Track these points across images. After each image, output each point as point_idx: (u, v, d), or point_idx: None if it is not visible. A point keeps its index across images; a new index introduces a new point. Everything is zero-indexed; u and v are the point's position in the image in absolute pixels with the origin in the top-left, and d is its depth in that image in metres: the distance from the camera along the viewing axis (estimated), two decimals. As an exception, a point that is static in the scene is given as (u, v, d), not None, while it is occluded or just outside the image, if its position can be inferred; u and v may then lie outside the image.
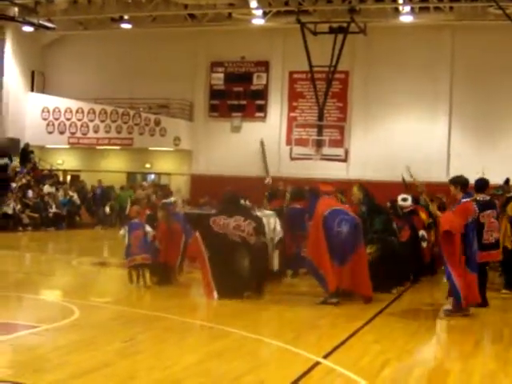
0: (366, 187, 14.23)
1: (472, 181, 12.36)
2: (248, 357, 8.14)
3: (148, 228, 13.40)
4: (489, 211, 12.48)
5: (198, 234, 12.55)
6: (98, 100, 34.78)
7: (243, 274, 12.38)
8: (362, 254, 12.34)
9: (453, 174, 13.61)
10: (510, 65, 29.67)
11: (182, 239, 14.17)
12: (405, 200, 15.73)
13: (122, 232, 13.60)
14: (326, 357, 8.08)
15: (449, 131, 31.07)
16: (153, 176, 36.31)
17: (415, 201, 15.74)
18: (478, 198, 12.30)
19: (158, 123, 33.53)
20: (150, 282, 13.25)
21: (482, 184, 12.82)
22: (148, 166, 35.63)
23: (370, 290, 12.21)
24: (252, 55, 33.71)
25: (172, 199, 16.46)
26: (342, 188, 13.81)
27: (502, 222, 13.54)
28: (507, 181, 15.06)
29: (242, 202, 13.71)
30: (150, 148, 34.59)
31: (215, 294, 12.08)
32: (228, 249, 12.32)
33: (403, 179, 17.01)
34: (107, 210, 31.39)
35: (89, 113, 34.58)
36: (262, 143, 17.02)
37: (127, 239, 13.30)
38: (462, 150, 30.31)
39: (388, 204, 15.62)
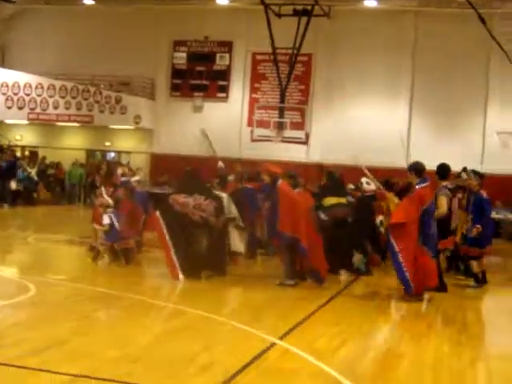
0: (335, 172, 14.37)
1: (432, 167, 12.49)
2: (204, 337, 8.18)
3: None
4: (455, 198, 12.70)
5: (158, 213, 12.51)
6: (59, 76, 34.31)
7: (203, 254, 12.38)
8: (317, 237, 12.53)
9: (412, 159, 13.71)
10: (471, 53, 29.92)
11: (142, 218, 14.18)
12: (368, 183, 15.83)
13: (106, 221, 13.48)
14: (282, 338, 8.15)
15: (409, 116, 31.27)
16: (112, 154, 36.06)
17: (389, 187, 15.80)
18: (447, 186, 12.47)
19: (118, 101, 33.24)
20: (110, 261, 13.26)
21: (445, 172, 12.91)
22: (108, 143, 35.37)
23: (325, 272, 12.37)
24: (215, 35, 33.53)
25: (136, 177, 16.42)
26: (294, 172, 13.78)
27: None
28: (464, 169, 15.18)
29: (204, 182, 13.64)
30: (111, 126, 34.30)
31: (180, 273, 12.07)
32: (188, 228, 12.30)
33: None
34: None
35: (48, 88, 34.12)
36: (204, 132, 16.90)
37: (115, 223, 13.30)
38: (421, 136, 30.53)
39: (352, 186, 15.70)
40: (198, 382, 6.33)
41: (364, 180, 15.71)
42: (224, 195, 13.15)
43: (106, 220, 13.48)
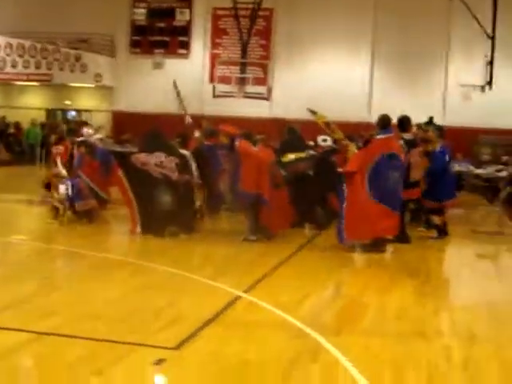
0: (295, 128, 14.35)
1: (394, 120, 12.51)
2: (169, 292, 8.17)
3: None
4: (413, 150, 12.70)
5: (120, 170, 12.45)
6: (15, 34, 33.71)
7: (166, 211, 12.32)
8: (282, 192, 12.56)
9: (375, 113, 13.72)
10: (432, 5, 29.91)
11: (104, 174, 14.10)
12: (324, 141, 15.86)
13: (62, 190, 13.32)
14: (246, 291, 8.17)
15: (371, 70, 31.26)
16: (73, 113, 35.66)
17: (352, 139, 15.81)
18: (404, 137, 12.48)
19: (78, 59, 32.74)
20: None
21: (405, 124, 12.95)
22: (68, 102, 34.94)
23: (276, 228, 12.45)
24: (175, -10, 33.16)
25: (99, 135, 16.30)
26: (248, 131, 13.74)
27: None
28: (430, 119, 15.22)
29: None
30: (71, 84, 33.86)
31: (138, 229, 12.07)
32: (150, 185, 12.24)
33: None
34: None
35: (6, 47, 33.45)
36: (175, 84, 16.68)
37: (71, 190, 13.17)
38: (383, 89, 30.57)
39: (311, 143, 15.71)
40: (163, 336, 6.32)
41: (320, 138, 15.74)
42: (187, 153, 13.08)
43: (62, 189, 13.34)
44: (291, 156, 13.92)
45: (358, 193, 11.34)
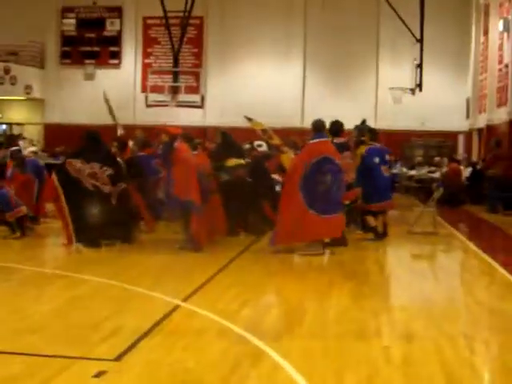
0: (228, 133, 14.39)
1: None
2: (107, 303, 8.08)
3: None
4: (346, 153, 12.83)
5: (54, 175, 12.22)
6: None
7: (99, 223, 12.17)
8: (216, 199, 12.58)
9: (308, 118, 13.83)
10: (362, 8, 30.32)
11: (35, 187, 13.90)
12: (259, 146, 15.96)
13: None
14: (185, 300, 8.13)
15: (303, 75, 31.51)
16: (4, 126, 35.11)
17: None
18: (334, 141, 12.59)
19: (7, 71, 32.26)
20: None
21: (337, 128, 13.12)
22: (-2, 115, 34.46)
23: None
24: (104, 0, 32.92)
25: (32, 148, 16.11)
26: (191, 134, 13.76)
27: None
28: (363, 122, 15.35)
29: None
30: (0, 97, 33.37)
31: (74, 240, 11.90)
32: (83, 196, 12.08)
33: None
34: None
35: None
36: (105, 96, 16.50)
37: None
38: (316, 94, 30.84)
39: (247, 146, 15.75)
40: (104, 349, 6.24)
41: (256, 143, 15.84)
42: (121, 162, 13.00)
43: None
44: (234, 161, 13.96)
45: (291, 199, 11.41)
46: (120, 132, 15.66)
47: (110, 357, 5.96)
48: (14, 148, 14.81)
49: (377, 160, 13.60)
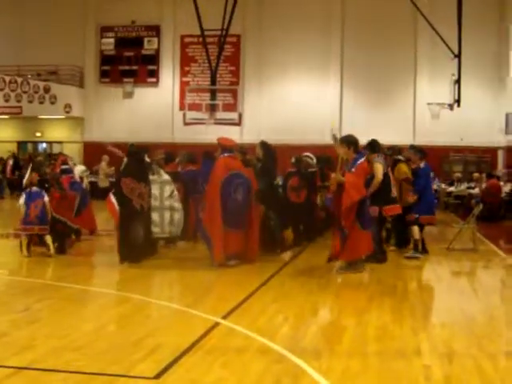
0: (269, 145, 14.34)
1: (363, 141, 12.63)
2: (147, 321, 8.15)
3: (46, 198, 13.04)
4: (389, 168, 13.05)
5: (111, 194, 12.31)
6: (-16, 68, 33.70)
7: (142, 242, 12.33)
8: (255, 217, 12.49)
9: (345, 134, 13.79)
10: (399, 26, 30.30)
11: (75, 206, 14.04)
12: (311, 159, 16.04)
13: (21, 201, 13.16)
14: (224, 318, 8.15)
15: (340, 93, 31.50)
16: (44, 145, 35.55)
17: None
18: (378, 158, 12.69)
19: (47, 90, 32.74)
20: (52, 251, 12.97)
21: (375, 146, 13.13)
22: (38, 134, 34.84)
23: (256, 254, 12.44)
24: (142, 19, 33.28)
25: (82, 167, 16.36)
26: (243, 148, 13.77)
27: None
28: (411, 146, 15.49)
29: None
30: (40, 116, 33.81)
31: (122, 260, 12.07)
32: (131, 214, 12.16)
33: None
34: None
35: (-25, 81, 33.46)
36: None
37: (25, 207, 12.94)
38: (353, 112, 30.79)
39: (293, 160, 15.66)
40: (144, 366, 6.28)
41: (304, 154, 16.04)
42: (166, 178, 13.16)
43: (21, 200, 13.17)
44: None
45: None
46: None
47: (150, 375, 6.00)
48: (64, 167, 14.97)
49: (432, 175, 13.98)
